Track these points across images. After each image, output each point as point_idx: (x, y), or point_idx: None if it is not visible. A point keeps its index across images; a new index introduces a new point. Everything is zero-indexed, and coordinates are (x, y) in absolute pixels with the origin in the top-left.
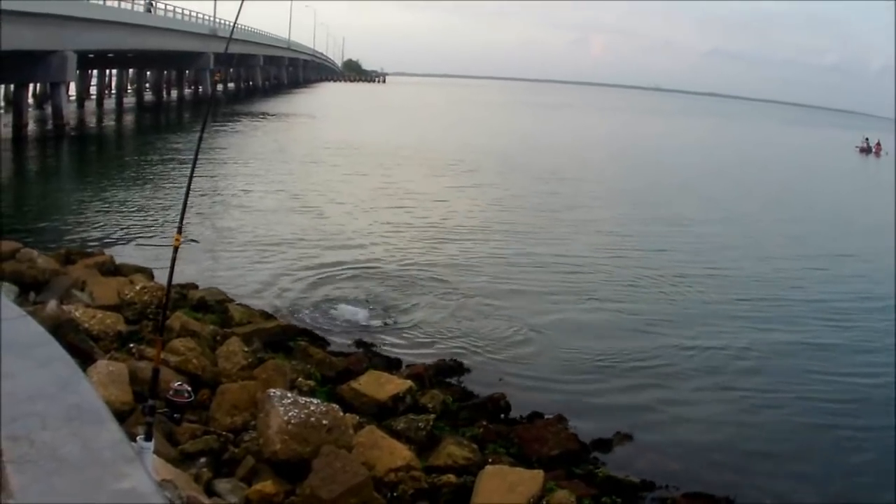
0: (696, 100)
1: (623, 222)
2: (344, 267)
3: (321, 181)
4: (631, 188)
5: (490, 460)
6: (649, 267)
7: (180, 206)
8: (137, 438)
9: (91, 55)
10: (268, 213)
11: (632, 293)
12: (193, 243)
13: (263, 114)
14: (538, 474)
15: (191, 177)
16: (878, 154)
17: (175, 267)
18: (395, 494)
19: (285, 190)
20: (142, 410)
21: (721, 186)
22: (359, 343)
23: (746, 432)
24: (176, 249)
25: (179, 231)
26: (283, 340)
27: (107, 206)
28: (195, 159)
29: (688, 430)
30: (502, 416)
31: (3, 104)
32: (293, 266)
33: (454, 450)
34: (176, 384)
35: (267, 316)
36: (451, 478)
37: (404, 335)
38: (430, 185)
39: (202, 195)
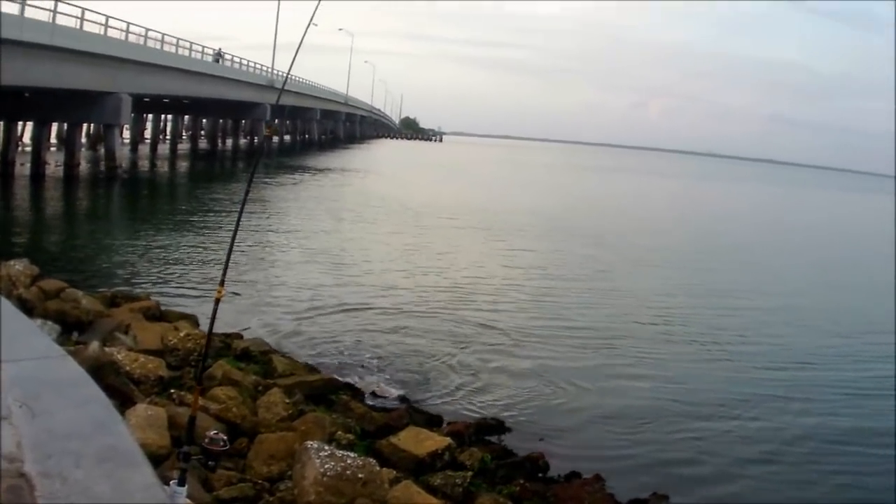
0: (752, 166)
1: (663, 288)
2: (386, 323)
3: (364, 238)
4: (670, 252)
5: None
6: (689, 333)
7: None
8: (171, 483)
9: (146, 99)
10: (311, 267)
11: (671, 358)
12: (236, 296)
13: (316, 168)
14: None
15: (235, 232)
16: None
17: (218, 317)
18: None
19: (329, 246)
20: (177, 456)
21: (766, 254)
22: (401, 399)
23: (780, 498)
24: (218, 301)
25: (222, 283)
26: (326, 394)
27: (155, 251)
28: (240, 216)
29: (723, 492)
30: (540, 474)
31: (56, 143)
32: (337, 321)
33: None
34: (212, 432)
35: (310, 369)
36: None
37: (446, 392)
38: (471, 246)
39: (250, 247)
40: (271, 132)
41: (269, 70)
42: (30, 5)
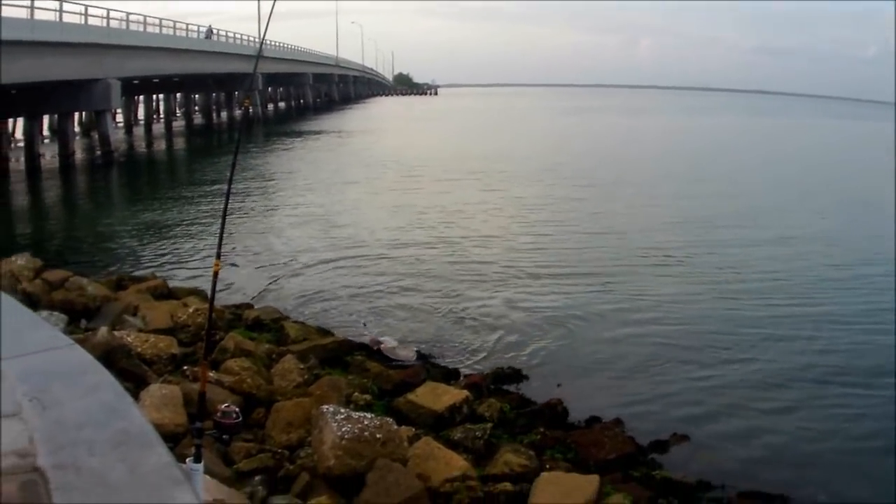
0: (743, 97)
1: (659, 228)
2: (393, 281)
3: (361, 199)
4: (665, 192)
5: (547, 466)
6: (693, 271)
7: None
8: (187, 461)
9: (136, 81)
10: (311, 230)
11: (678, 298)
12: (234, 267)
13: (310, 132)
14: (593, 479)
15: (226, 205)
16: None
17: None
18: None
19: (328, 210)
20: (190, 433)
21: (762, 182)
22: (417, 354)
23: (803, 432)
24: (216, 275)
25: (218, 256)
26: (340, 356)
27: (158, 229)
28: (228, 190)
29: (744, 430)
30: (560, 421)
31: (49, 134)
32: (344, 282)
33: (511, 457)
34: (223, 406)
35: (323, 332)
36: (508, 486)
37: (460, 345)
38: (468, 196)
39: (253, 216)
40: (248, 104)
41: (256, 40)
42: (7, 5)
